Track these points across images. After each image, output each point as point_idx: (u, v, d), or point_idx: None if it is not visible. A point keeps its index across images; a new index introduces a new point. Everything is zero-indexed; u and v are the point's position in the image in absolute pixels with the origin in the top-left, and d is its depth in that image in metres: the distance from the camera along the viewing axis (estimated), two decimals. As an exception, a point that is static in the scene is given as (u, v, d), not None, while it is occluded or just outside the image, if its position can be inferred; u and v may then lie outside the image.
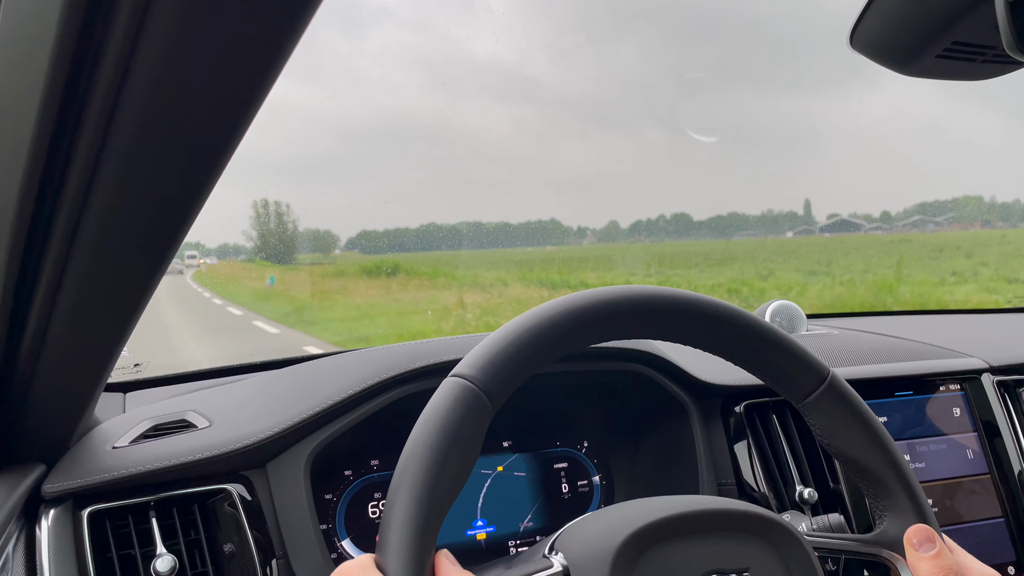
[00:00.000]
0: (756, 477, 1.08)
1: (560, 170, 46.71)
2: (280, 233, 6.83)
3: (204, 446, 0.91)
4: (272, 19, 0.41)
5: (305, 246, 22.06)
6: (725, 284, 15.52)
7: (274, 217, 6.54)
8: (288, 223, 6.75)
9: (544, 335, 0.62)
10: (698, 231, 32.61)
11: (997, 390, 1.26)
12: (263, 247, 12.26)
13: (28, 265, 0.60)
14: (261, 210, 6.55)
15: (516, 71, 31.90)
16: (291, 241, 8.52)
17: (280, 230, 6.67)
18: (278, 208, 15.29)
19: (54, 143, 0.48)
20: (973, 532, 1.16)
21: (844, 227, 34.95)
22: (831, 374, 0.70)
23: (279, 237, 7.47)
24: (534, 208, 30.32)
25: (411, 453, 0.57)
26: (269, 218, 6.50)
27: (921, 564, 0.65)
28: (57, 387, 0.78)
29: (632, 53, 45.41)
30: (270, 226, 6.73)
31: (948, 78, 0.71)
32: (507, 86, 38.09)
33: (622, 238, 23.88)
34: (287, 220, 8.01)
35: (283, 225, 6.69)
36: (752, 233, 35.69)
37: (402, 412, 0.96)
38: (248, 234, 18.41)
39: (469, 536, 1.12)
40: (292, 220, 16.49)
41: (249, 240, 17.59)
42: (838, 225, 34.88)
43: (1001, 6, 0.54)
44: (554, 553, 0.62)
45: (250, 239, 16.31)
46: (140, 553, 0.85)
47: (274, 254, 15.17)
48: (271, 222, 6.51)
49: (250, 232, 18.02)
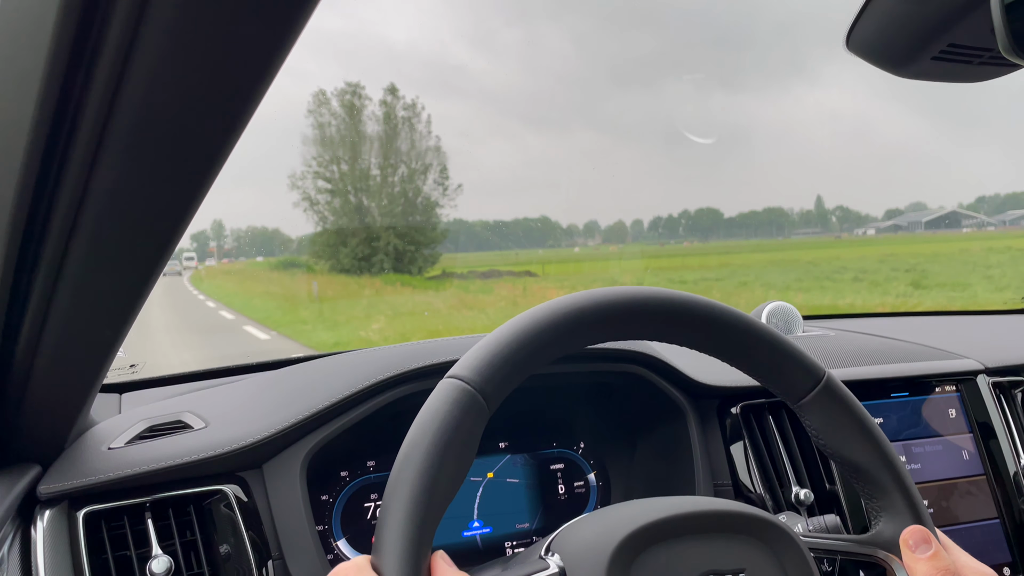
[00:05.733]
0: (752, 478, 1.08)
1: (485, 170, 46.07)
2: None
3: (200, 447, 0.90)
4: (269, 19, 0.41)
5: (261, 247, 21.63)
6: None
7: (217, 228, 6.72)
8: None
9: (540, 336, 0.62)
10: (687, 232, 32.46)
11: (992, 391, 1.26)
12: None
13: (24, 265, 0.60)
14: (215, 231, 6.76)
15: (439, 60, 30.64)
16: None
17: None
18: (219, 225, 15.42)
19: (50, 144, 0.48)
20: (968, 533, 1.16)
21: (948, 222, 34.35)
22: (827, 375, 0.70)
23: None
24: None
25: (407, 454, 0.57)
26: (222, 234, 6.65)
27: (917, 565, 0.65)
28: (53, 388, 0.78)
29: (565, 43, 44.56)
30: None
31: (944, 80, 0.71)
32: (430, 75, 36.79)
33: (558, 241, 24.48)
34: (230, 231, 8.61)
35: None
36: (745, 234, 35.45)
37: (398, 413, 0.96)
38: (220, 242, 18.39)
39: (466, 537, 1.11)
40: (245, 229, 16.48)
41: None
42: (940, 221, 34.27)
43: (997, 8, 0.54)
44: (551, 554, 0.62)
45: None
46: (136, 554, 0.84)
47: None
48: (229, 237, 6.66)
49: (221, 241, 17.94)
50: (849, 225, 40.87)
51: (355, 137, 22.51)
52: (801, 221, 41.40)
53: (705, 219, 38.53)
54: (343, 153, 22.62)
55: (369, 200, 22.74)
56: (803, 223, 41.40)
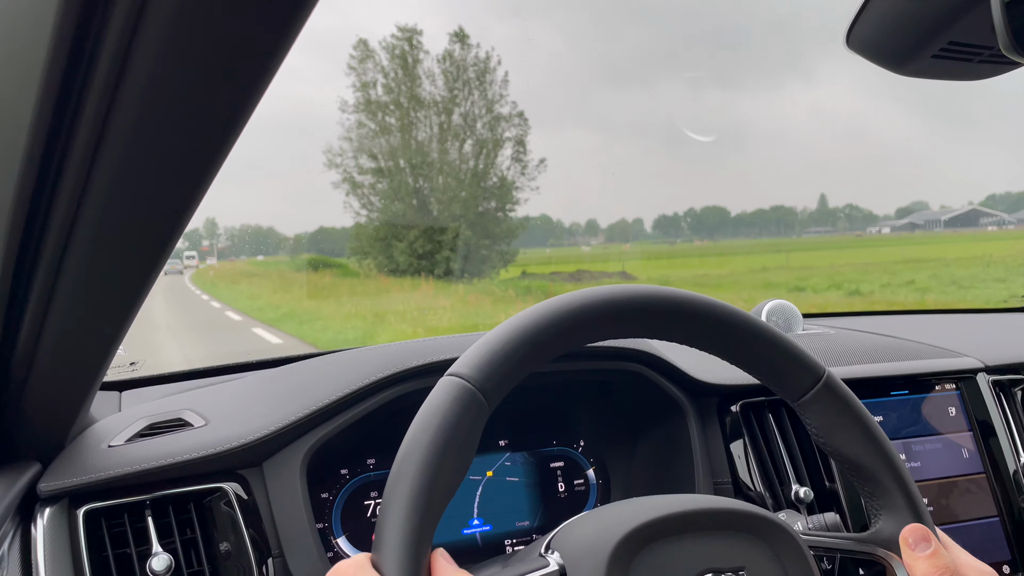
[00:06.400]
0: (752, 476, 1.08)
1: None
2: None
3: (200, 445, 0.90)
4: (267, 19, 0.41)
5: (258, 245, 18.51)
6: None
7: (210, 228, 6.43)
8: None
9: (541, 334, 0.62)
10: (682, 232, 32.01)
11: (992, 389, 1.26)
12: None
13: (24, 263, 0.60)
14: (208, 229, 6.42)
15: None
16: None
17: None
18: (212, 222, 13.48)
19: (50, 142, 0.48)
20: (968, 531, 1.16)
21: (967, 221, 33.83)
22: (827, 373, 0.70)
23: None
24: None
25: (408, 452, 0.57)
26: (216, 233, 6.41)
27: (917, 563, 0.65)
28: (53, 386, 0.78)
29: (557, 40, 43.95)
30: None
31: (944, 78, 0.71)
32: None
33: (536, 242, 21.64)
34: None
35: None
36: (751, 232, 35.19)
37: (398, 411, 0.96)
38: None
39: (466, 535, 1.12)
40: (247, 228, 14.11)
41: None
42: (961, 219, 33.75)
43: (997, 6, 0.54)
44: (550, 552, 0.62)
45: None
46: (136, 552, 0.84)
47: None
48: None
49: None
50: (860, 224, 40.54)
51: (410, 100, 17.17)
52: (811, 219, 41.08)
53: (711, 217, 38.24)
54: (395, 120, 17.22)
55: (426, 181, 17.45)
56: (812, 221, 41.09)
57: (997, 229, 33.76)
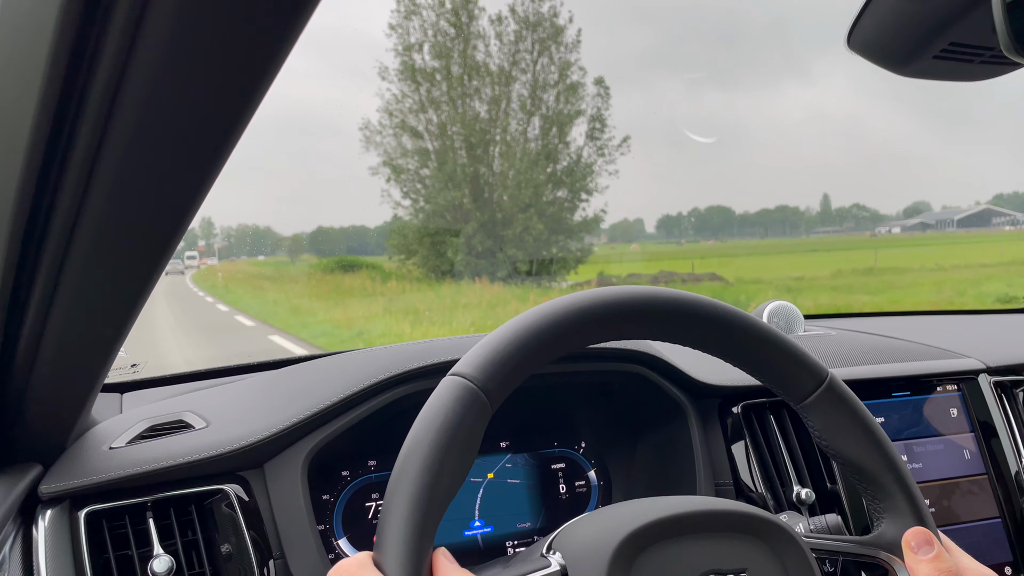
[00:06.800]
0: (753, 478, 1.08)
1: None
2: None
3: (201, 446, 0.90)
4: (268, 19, 0.41)
5: (254, 245, 16.62)
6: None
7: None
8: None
9: (543, 334, 0.62)
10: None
11: (994, 391, 1.26)
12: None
13: (25, 264, 0.60)
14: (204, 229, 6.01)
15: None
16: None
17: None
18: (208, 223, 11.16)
19: (51, 143, 0.48)
20: (970, 533, 1.16)
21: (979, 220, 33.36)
22: (830, 376, 0.70)
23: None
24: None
25: (410, 452, 0.57)
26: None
27: (919, 567, 0.65)
28: (54, 387, 0.78)
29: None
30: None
31: (945, 79, 0.71)
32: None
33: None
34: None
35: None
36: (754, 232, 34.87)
37: (400, 412, 0.96)
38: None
39: (467, 536, 1.11)
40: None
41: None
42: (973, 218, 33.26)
43: (998, 7, 0.54)
44: (552, 553, 0.62)
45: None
46: (137, 554, 0.84)
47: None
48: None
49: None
50: (867, 224, 40.16)
51: (464, 66, 13.63)
52: (817, 219, 40.70)
53: (716, 217, 37.87)
54: (445, 91, 13.65)
55: (485, 165, 13.76)
56: (819, 221, 40.71)
57: (1012, 229, 33.57)
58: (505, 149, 14.17)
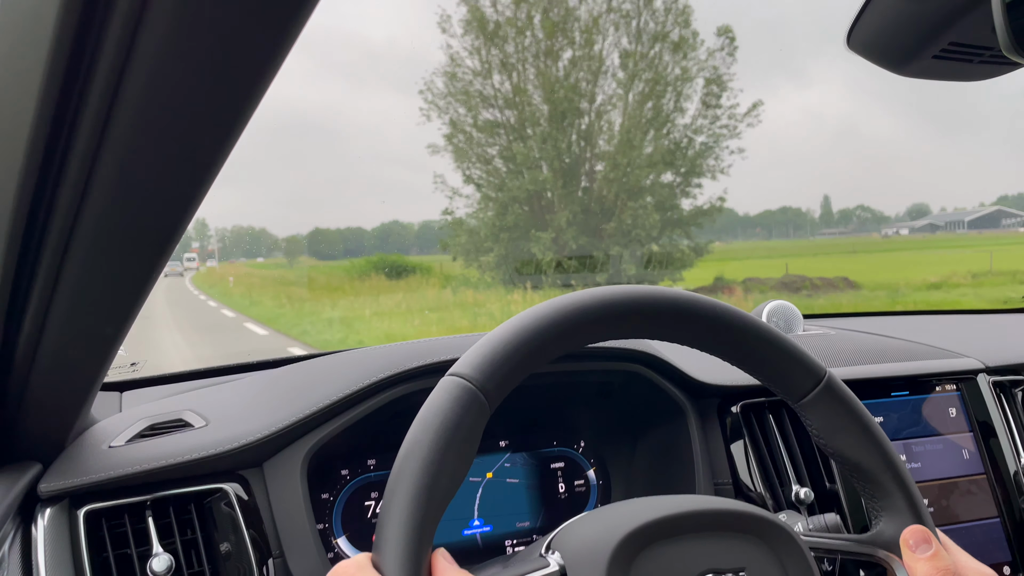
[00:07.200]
0: (752, 477, 1.08)
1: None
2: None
3: (201, 445, 0.90)
4: (268, 18, 0.41)
5: (247, 246, 16.21)
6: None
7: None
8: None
9: (542, 334, 0.62)
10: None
11: (993, 390, 1.26)
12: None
13: (25, 263, 0.60)
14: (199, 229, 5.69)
15: (423, 58, 28.49)
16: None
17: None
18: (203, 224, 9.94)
19: (50, 142, 0.48)
20: (968, 532, 1.16)
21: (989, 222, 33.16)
22: (828, 375, 0.70)
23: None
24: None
25: (408, 451, 0.57)
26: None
27: (917, 565, 0.65)
28: (54, 386, 0.78)
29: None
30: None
31: (945, 79, 0.71)
32: (416, 73, 34.04)
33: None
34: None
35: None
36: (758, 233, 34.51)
37: (399, 412, 0.96)
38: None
39: (466, 536, 1.12)
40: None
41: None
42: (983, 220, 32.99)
43: (998, 7, 0.54)
44: (551, 552, 0.62)
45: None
46: (136, 552, 0.85)
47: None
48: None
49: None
50: (872, 225, 39.81)
51: (551, 17, 10.19)
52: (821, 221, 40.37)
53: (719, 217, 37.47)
54: (524, 48, 10.23)
55: (578, 137, 10.18)
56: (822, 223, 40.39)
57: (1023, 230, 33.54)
58: (597, 122, 10.69)
